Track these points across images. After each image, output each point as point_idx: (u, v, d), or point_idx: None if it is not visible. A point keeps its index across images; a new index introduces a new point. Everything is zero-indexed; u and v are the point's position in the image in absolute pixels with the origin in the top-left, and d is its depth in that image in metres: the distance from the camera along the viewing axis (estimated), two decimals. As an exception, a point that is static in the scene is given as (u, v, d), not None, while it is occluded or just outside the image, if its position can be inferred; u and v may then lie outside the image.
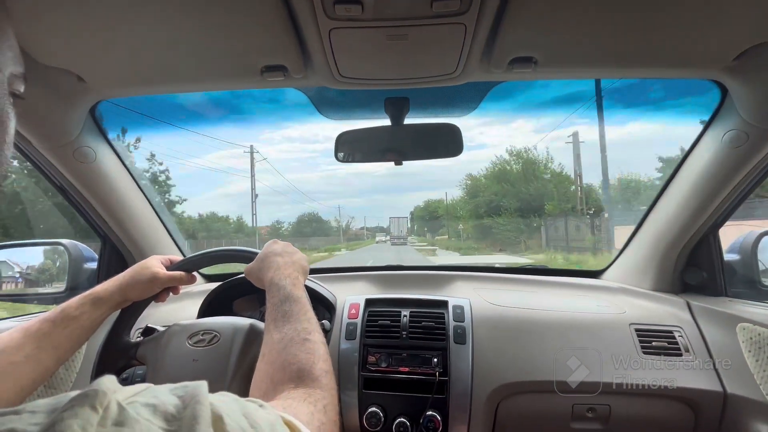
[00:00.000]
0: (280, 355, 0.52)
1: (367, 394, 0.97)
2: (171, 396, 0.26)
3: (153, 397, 0.25)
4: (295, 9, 0.62)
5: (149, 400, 0.25)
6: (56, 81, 0.80)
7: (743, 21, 0.66)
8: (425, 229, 39.31)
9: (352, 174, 76.61)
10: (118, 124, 1.03)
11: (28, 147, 0.93)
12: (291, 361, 0.51)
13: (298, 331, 0.55)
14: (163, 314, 1.11)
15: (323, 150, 79.51)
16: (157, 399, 0.25)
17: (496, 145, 20.29)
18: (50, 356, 0.64)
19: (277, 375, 0.50)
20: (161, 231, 1.29)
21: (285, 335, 0.55)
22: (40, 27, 0.65)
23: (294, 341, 0.54)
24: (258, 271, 0.72)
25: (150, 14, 0.64)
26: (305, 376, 0.49)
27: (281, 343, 0.54)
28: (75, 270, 1.26)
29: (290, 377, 0.49)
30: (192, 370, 0.72)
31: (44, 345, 0.64)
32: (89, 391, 0.22)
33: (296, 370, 0.49)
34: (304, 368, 0.50)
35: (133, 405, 0.23)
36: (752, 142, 0.88)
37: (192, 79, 0.86)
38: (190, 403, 0.25)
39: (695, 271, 1.12)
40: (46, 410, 0.22)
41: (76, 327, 0.68)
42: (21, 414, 0.21)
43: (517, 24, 0.67)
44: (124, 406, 0.23)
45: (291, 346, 0.53)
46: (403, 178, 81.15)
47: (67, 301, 0.70)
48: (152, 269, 0.78)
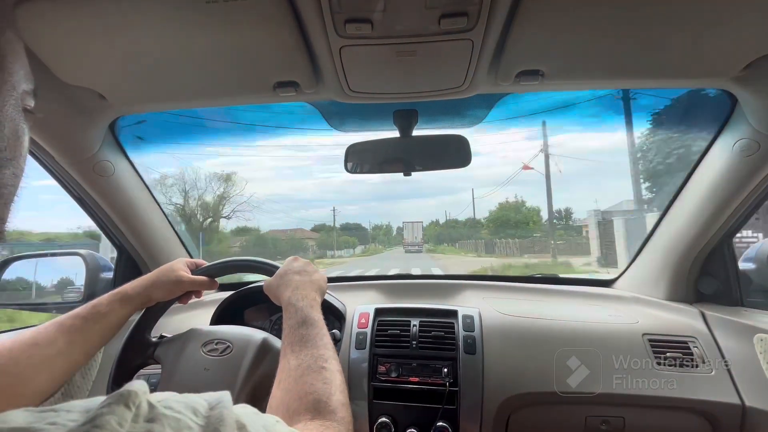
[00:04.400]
0: (296, 384, 0.52)
1: (377, 404, 0.97)
2: (199, 398, 0.28)
3: (183, 397, 0.28)
4: (307, 28, 0.64)
5: (179, 398, 0.27)
6: (79, 99, 0.84)
7: (751, 31, 0.66)
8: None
9: (346, 181, 77.04)
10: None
11: (50, 161, 0.97)
12: (308, 390, 0.50)
13: (315, 358, 0.55)
14: (176, 323, 1.13)
15: (317, 158, 79.99)
16: (186, 398, 0.27)
17: (489, 153, 20.22)
18: (80, 350, 0.67)
19: (293, 404, 0.49)
20: (175, 241, 1.32)
21: (302, 362, 0.55)
22: (64, 49, 0.68)
23: (311, 369, 0.54)
24: (276, 288, 0.73)
25: (168, 34, 0.67)
26: (322, 408, 0.48)
27: (298, 370, 0.54)
28: (92, 279, 1.29)
29: (307, 408, 0.48)
30: (203, 378, 0.73)
31: (75, 339, 0.66)
32: (123, 392, 0.25)
33: (313, 401, 0.49)
34: (321, 399, 0.49)
35: (166, 401, 0.26)
36: (764, 150, 0.87)
37: (207, 95, 0.89)
38: (217, 406, 0.27)
39: (709, 280, 1.10)
40: (80, 409, 0.24)
41: (105, 323, 0.71)
42: (59, 412, 0.23)
43: (524, 38, 0.68)
44: (155, 404, 0.25)
45: (308, 375, 0.53)
46: (398, 185, 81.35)
47: (98, 298, 0.73)
48: (178, 272, 0.80)
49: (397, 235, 45.14)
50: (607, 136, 29.78)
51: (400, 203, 79.27)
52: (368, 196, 74.02)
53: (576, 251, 16.12)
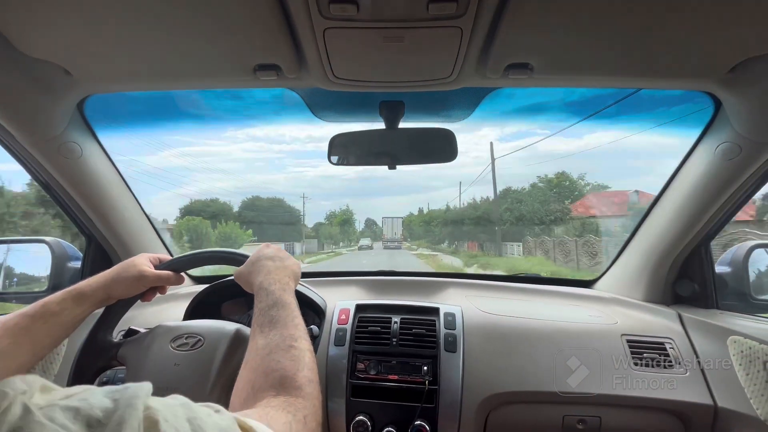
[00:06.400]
0: (263, 362, 0.51)
1: (355, 402, 0.95)
2: (104, 399, 0.25)
3: (82, 400, 0.24)
4: (290, 7, 0.61)
5: (74, 403, 0.23)
6: (41, 73, 0.78)
7: (738, 34, 0.66)
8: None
9: (320, 177, 75.94)
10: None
11: (11, 141, 0.90)
12: (274, 367, 0.49)
13: (284, 338, 0.54)
14: (148, 316, 1.08)
15: (290, 151, 78.57)
16: (85, 402, 0.24)
17: (462, 153, 20.29)
18: (27, 351, 0.62)
19: (258, 381, 0.48)
20: (148, 230, 1.26)
21: (270, 341, 0.53)
22: (24, 16, 0.63)
23: (279, 347, 0.52)
24: (248, 275, 0.70)
25: (140, 9, 0.62)
26: (287, 384, 0.47)
27: (266, 349, 0.52)
28: (58, 268, 1.22)
29: (272, 384, 0.47)
30: (173, 374, 0.69)
31: (21, 340, 0.62)
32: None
33: (278, 378, 0.48)
34: (287, 375, 0.48)
35: (49, 409, 0.22)
36: (745, 154, 0.88)
37: (182, 77, 0.84)
38: (122, 406, 0.24)
39: (687, 282, 1.12)
40: None
41: (56, 323, 0.66)
42: None
43: (514, 30, 0.66)
44: (33, 409, 0.21)
45: (275, 353, 0.51)
46: (372, 182, 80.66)
47: (49, 296, 0.68)
48: (139, 267, 0.76)
49: (363, 230, 41.82)
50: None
51: (373, 200, 79.02)
52: (343, 192, 73.49)
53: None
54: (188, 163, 41.83)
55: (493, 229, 19.08)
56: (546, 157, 34.88)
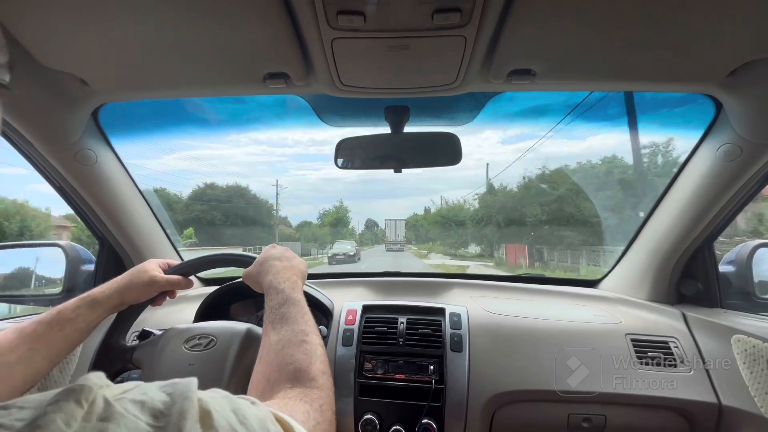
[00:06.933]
0: (277, 356, 0.52)
1: (363, 401, 0.96)
2: (160, 393, 0.26)
3: (142, 393, 0.25)
4: (299, 18, 0.63)
5: (138, 396, 0.25)
6: (60, 84, 0.81)
7: (738, 37, 0.67)
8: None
9: (322, 180, 76.15)
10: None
11: (29, 148, 0.94)
12: (288, 361, 0.51)
13: (296, 333, 0.56)
14: (160, 318, 1.11)
15: (293, 154, 78.44)
16: (146, 396, 0.25)
17: (466, 155, 19.90)
18: (43, 358, 0.64)
19: (273, 375, 0.50)
20: (159, 234, 1.29)
21: (282, 337, 0.55)
22: (45, 30, 0.66)
23: (291, 342, 0.54)
24: (256, 275, 0.72)
25: (154, 20, 0.65)
26: (302, 376, 0.49)
27: (279, 344, 0.54)
28: (72, 272, 1.25)
29: (287, 377, 0.49)
30: (188, 374, 0.71)
31: (38, 347, 0.64)
32: (75, 386, 0.22)
33: (293, 371, 0.50)
34: (301, 368, 0.50)
35: (120, 401, 0.24)
36: (746, 156, 0.89)
37: (194, 85, 0.87)
38: (179, 399, 0.26)
39: (691, 282, 1.13)
40: (34, 405, 0.22)
41: (72, 329, 0.68)
42: (10, 409, 0.21)
43: (517, 37, 0.68)
44: (111, 401, 0.23)
45: (288, 347, 0.53)
46: (374, 184, 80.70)
47: (64, 303, 0.70)
48: (150, 273, 0.78)
49: (363, 232, 41.28)
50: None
51: (374, 203, 78.78)
52: (345, 195, 73.40)
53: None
54: (194, 167, 41.89)
55: (561, 227, 12.53)
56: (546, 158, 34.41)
